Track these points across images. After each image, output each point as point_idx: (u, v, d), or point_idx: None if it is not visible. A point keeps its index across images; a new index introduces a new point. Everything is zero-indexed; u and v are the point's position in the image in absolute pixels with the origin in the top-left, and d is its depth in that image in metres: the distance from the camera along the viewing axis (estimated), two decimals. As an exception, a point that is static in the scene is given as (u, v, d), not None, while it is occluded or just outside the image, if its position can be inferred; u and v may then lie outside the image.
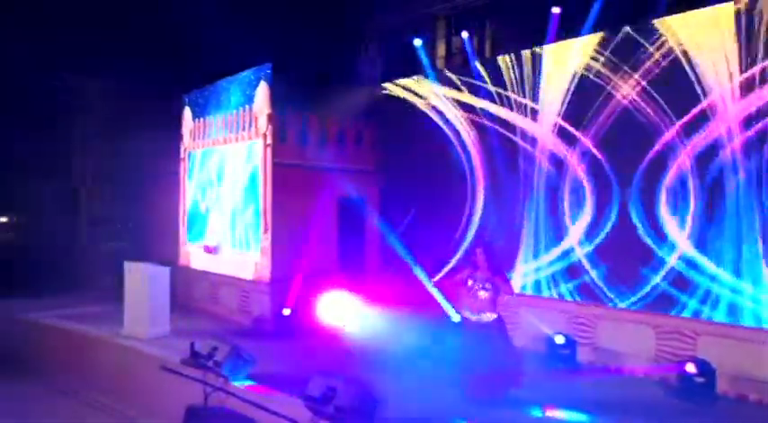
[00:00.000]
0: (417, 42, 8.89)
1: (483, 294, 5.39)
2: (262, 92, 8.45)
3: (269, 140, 8.32)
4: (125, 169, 12.19)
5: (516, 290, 6.77)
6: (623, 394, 5.82)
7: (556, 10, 7.33)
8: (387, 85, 9.55)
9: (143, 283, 7.86)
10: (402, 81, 9.34)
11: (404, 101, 9.27)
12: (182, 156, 10.64)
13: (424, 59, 8.75)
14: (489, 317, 5.42)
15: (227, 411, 5.40)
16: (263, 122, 8.41)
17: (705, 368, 5.62)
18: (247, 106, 8.78)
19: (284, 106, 8.38)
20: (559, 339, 6.72)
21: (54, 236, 12.06)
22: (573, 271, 7.12)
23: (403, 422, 5.00)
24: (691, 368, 5.62)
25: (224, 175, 9.35)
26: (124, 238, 12.84)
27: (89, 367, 7.82)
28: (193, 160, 10.29)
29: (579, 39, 7.05)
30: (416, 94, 9.19)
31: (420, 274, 8.03)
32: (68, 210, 12.37)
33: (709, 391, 5.60)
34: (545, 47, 7.46)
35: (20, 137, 11.07)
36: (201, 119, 10.04)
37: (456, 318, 6.47)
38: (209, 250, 9.48)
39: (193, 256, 10.23)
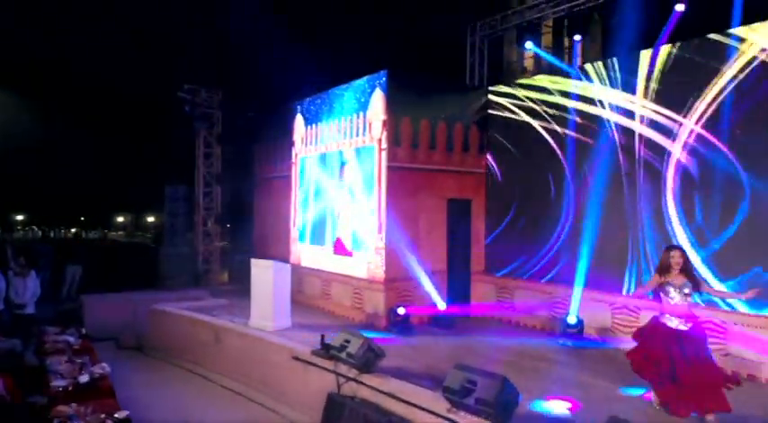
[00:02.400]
0: (529, 44, 8.99)
1: (683, 299, 5.05)
2: (377, 99, 8.85)
3: (384, 145, 8.70)
4: (241, 173, 13.15)
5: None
6: None
7: (680, 7, 7.18)
8: (492, 90, 9.78)
9: (269, 278, 8.45)
10: (504, 88, 9.57)
11: (508, 106, 9.46)
12: (293, 161, 11.29)
13: (549, 58, 8.83)
14: (688, 324, 5.02)
15: (364, 401, 5.74)
16: (377, 128, 8.81)
17: None
18: (361, 113, 9.22)
19: (398, 112, 8.73)
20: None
21: (177, 235, 13.19)
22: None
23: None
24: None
25: (338, 179, 9.84)
26: (233, 238, 13.82)
27: (222, 356, 8.52)
28: (305, 165, 10.89)
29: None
30: (521, 99, 9.33)
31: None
32: (188, 211, 13.47)
33: None
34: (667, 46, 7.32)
35: (149, 143, 12.28)
36: (314, 125, 10.62)
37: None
38: (341, 252, 9.82)
39: (304, 254, 10.83)
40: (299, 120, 11.15)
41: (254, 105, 12.88)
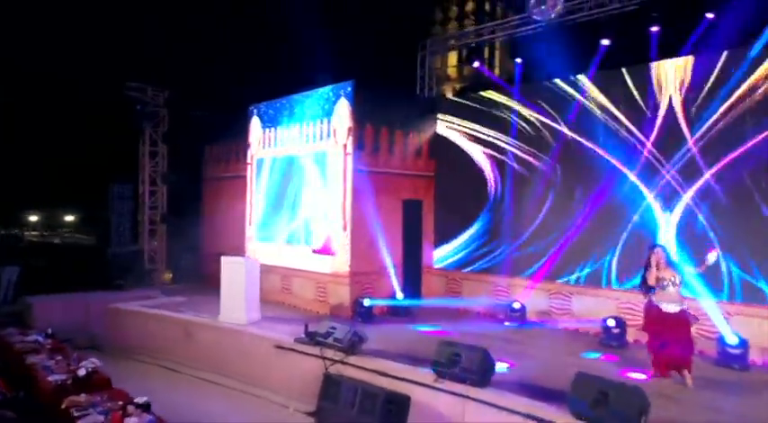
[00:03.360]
0: (476, 64, 10.13)
1: (672, 289, 6.01)
2: (342, 107, 9.57)
3: (349, 150, 9.44)
4: (187, 172, 13.26)
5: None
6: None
7: (605, 41, 8.56)
8: (440, 101, 10.90)
9: (241, 273, 8.90)
10: (455, 99, 10.71)
11: (458, 117, 10.60)
12: (249, 161, 11.68)
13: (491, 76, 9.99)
14: (676, 308, 6.01)
15: (357, 379, 6.46)
16: (343, 134, 9.53)
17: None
18: (325, 119, 9.89)
19: (362, 120, 9.51)
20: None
21: (120, 233, 13.04)
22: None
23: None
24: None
25: (301, 180, 10.41)
26: (179, 237, 13.86)
27: (194, 350, 8.83)
28: (262, 166, 11.33)
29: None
30: (470, 109, 10.48)
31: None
32: (132, 210, 13.35)
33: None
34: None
35: (92, 141, 12.11)
36: (272, 128, 11.10)
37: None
38: (322, 251, 10.11)
39: (261, 251, 11.26)
40: (255, 122, 11.56)
41: (202, 105, 13.05)
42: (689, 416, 5.26)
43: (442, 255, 10.80)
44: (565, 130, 9.06)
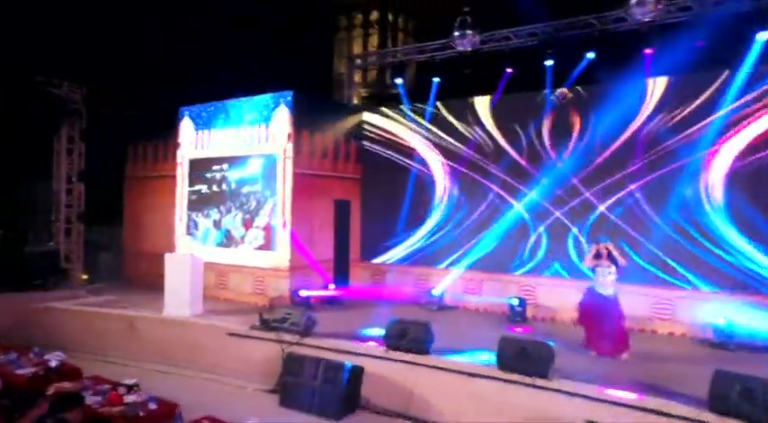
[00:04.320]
0: (399, 81, 11.47)
1: (609, 277, 7.43)
2: (282, 113, 10.40)
3: (289, 154, 10.30)
4: (106, 170, 13.19)
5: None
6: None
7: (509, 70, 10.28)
8: (366, 111, 12.12)
9: (186, 269, 9.42)
10: (378, 110, 12.01)
11: (379, 126, 11.92)
12: (179, 161, 12.02)
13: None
14: (611, 292, 7.42)
15: (316, 357, 7.40)
16: (282, 139, 10.36)
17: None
18: (263, 124, 10.64)
19: (300, 126, 10.41)
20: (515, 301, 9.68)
21: (37, 233, 12.66)
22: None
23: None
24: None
25: (237, 181, 11.03)
26: (100, 235, 13.73)
27: (140, 345, 9.16)
28: (194, 166, 11.75)
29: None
30: (390, 119, 11.82)
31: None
32: (48, 208, 12.97)
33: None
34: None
35: (5, 137, 11.69)
36: (206, 131, 11.59)
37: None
38: (263, 248, 10.70)
39: (193, 250, 11.65)
40: (187, 124, 11.92)
41: (124, 104, 13.06)
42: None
43: (367, 249, 12.00)
44: (474, 139, 10.74)
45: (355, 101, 21.98)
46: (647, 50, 8.89)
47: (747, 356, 7.30)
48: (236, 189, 11.00)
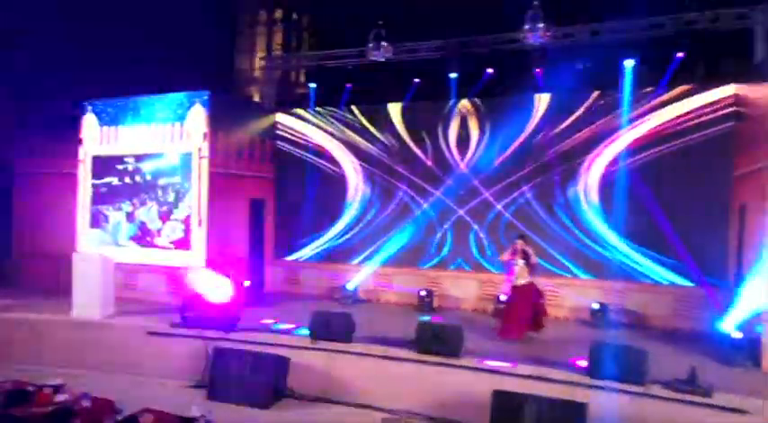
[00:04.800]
0: (312, 85, 11.94)
1: (518, 270, 8.25)
2: (197, 112, 10.40)
3: (204, 153, 10.35)
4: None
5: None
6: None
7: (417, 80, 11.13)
8: (286, 112, 12.43)
9: (97, 269, 9.19)
10: (292, 111, 12.39)
11: (292, 127, 12.32)
12: (81, 158, 11.53)
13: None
14: (523, 281, 8.25)
15: (242, 350, 7.67)
16: (198, 138, 10.38)
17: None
18: (178, 123, 10.58)
19: (216, 125, 10.49)
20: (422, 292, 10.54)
21: None
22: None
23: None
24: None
25: (149, 179, 10.84)
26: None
27: (46, 349, 8.76)
28: (99, 163, 11.35)
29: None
30: (303, 120, 12.24)
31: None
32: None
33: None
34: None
35: None
36: (113, 127, 11.24)
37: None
38: (179, 247, 10.58)
39: (97, 247, 11.23)
40: (90, 119, 11.46)
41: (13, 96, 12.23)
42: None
43: (282, 247, 12.30)
44: (384, 142, 11.51)
45: (256, 97, 22.05)
46: (537, 70, 10.15)
47: (617, 333, 8.66)
48: (152, 181, 10.80)
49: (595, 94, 10.01)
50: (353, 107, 11.88)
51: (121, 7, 13.35)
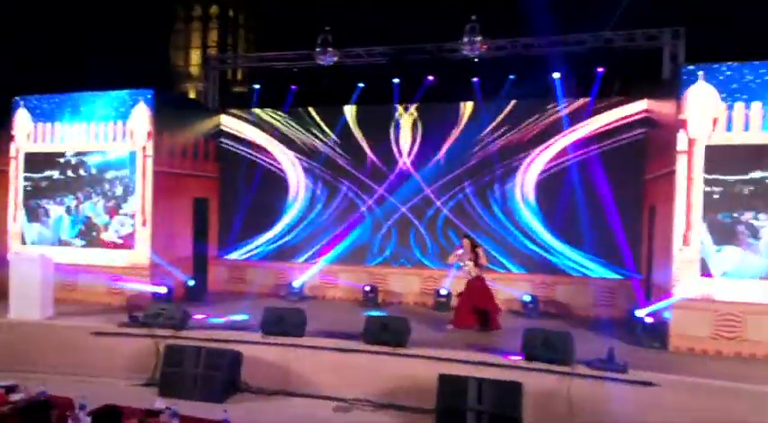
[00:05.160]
0: (256, 86, 12.12)
1: (468, 264, 8.89)
2: (141, 111, 10.30)
3: (149, 152, 10.28)
4: None
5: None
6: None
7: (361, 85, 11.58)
8: (228, 112, 12.49)
9: (36, 270, 8.98)
10: (236, 111, 12.48)
11: (236, 127, 12.46)
12: (13, 155, 11.11)
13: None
14: (473, 275, 8.87)
15: (196, 346, 7.80)
16: (142, 136, 10.29)
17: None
18: (120, 121, 10.44)
19: (160, 124, 10.45)
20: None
21: None
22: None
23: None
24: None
25: (100, 165, 10.61)
26: None
27: None
28: (33, 161, 10.98)
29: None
30: (246, 120, 12.40)
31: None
32: None
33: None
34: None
35: None
36: (48, 123, 10.91)
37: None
38: (123, 246, 10.43)
39: (33, 250, 10.91)
40: (22, 115, 11.06)
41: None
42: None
43: (225, 246, 12.37)
44: (328, 143, 11.90)
45: (192, 94, 21.59)
46: (474, 78, 10.90)
47: (546, 322, 9.50)
48: (98, 175, 10.58)
49: (526, 101, 10.89)
50: (299, 108, 12.16)
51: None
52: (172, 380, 7.49)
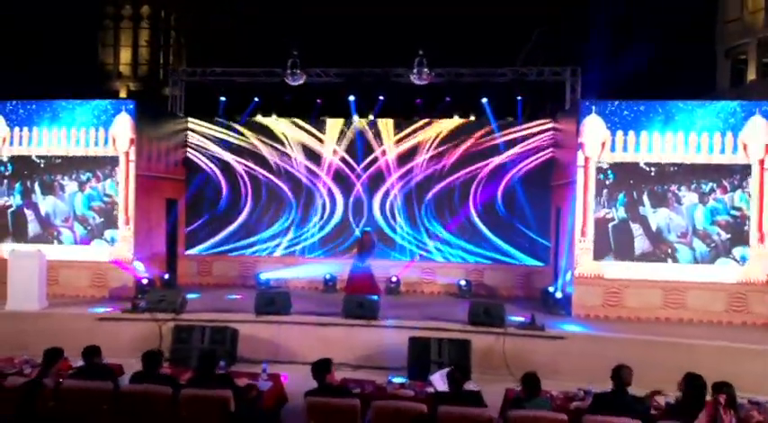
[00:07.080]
0: (222, 98, 13.42)
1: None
2: (123, 120, 11.31)
3: (132, 157, 11.33)
4: None
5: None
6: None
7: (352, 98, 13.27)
8: (191, 121, 13.69)
9: (34, 264, 9.85)
10: (199, 121, 13.76)
11: (200, 133, 13.72)
12: (-10, 158, 11.65)
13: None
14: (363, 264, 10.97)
15: (201, 325, 9.12)
16: (124, 143, 11.31)
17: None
18: (101, 128, 11.39)
19: (139, 132, 11.52)
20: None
21: None
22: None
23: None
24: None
25: (73, 180, 11.45)
26: None
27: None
28: (13, 164, 11.60)
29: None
30: (209, 128, 13.69)
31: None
32: None
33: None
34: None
35: None
36: (25, 128, 11.58)
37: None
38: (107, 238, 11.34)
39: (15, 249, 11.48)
40: (-3, 119, 11.63)
41: None
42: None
43: (192, 242, 13.55)
44: (282, 149, 13.52)
45: (123, 93, 21.88)
46: (418, 100, 13.01)
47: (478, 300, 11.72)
48: (75, 187, 11.49)
49: (465, 120, 13.19)
50: (259, 118, 13.63)
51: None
52: (181, 354, 8.81)
